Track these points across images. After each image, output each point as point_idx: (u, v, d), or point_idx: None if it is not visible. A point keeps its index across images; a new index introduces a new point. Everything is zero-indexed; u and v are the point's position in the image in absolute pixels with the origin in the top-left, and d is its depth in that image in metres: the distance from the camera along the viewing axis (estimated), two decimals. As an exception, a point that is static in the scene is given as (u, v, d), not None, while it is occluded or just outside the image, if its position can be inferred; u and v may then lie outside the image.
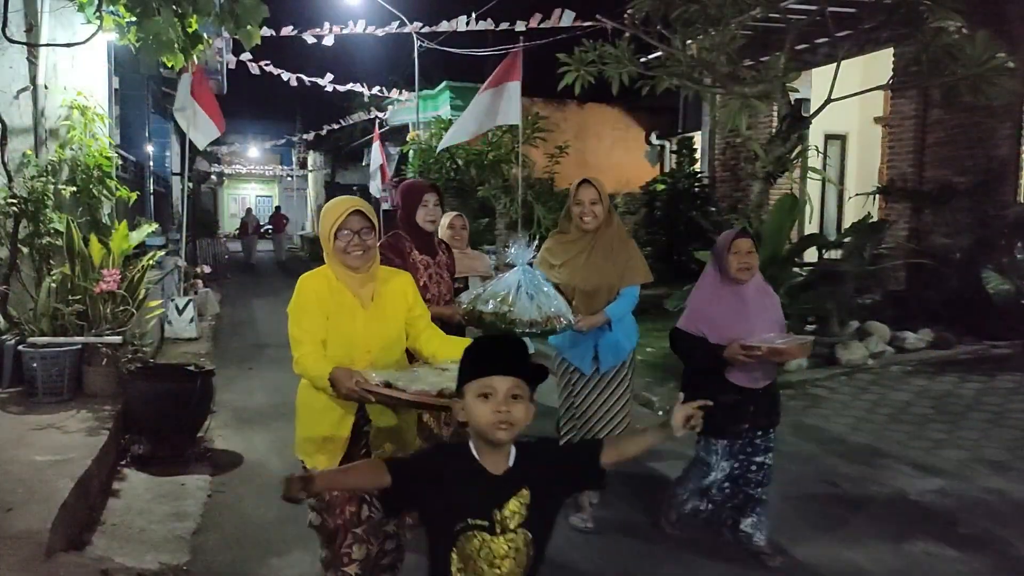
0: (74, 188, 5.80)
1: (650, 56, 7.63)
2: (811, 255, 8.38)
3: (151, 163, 11.17)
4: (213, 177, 29.84)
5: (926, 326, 7.66)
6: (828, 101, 6.64)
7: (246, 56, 11.84)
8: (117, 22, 5.24)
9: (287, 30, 11.21)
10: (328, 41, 11.64)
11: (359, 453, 2.64)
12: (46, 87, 5.75)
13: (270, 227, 24.20)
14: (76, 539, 3.49)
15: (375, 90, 14.85)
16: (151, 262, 5.94)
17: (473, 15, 11.51)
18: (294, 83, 13.31)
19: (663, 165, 15.42)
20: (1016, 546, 3.75)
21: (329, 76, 13.64)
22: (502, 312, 3.17)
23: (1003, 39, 6.13)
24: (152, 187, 10.93)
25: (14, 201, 5.26)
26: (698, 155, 13.06)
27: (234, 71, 13.49)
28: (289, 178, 39.03)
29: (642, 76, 6.84)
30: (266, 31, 10.20)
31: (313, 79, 13.64)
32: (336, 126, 19.55)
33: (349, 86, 14.42)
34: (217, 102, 9.44)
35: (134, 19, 4.86)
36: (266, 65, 12.46)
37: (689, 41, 6.92)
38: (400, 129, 17.32)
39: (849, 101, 6.96)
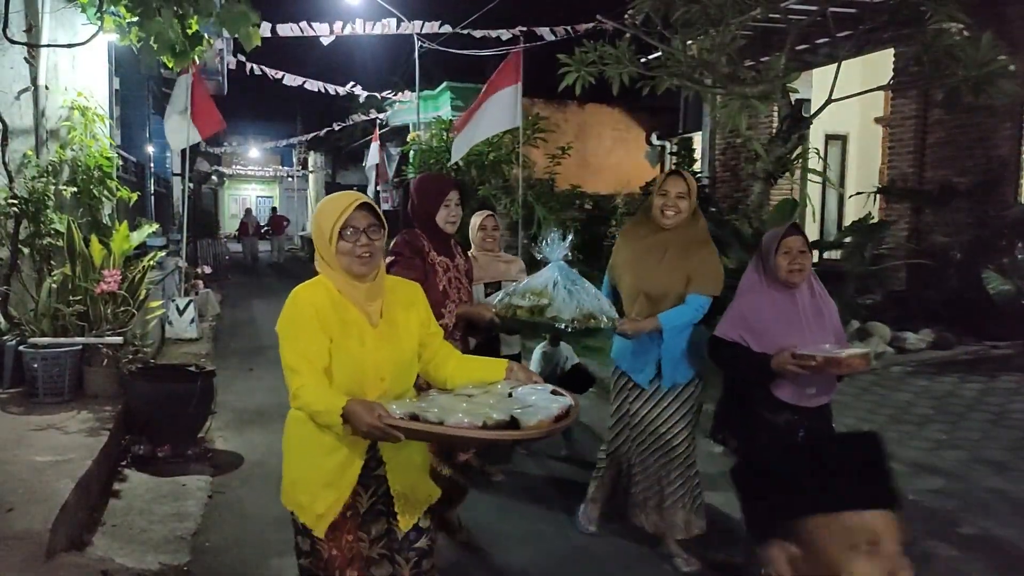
0: (75, 189, 5.80)
1: (650, 56, 7.63)
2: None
3: (152, 164, 11.18)
4: (214, 178, 29.83)
5: (927, 326, 7.66)
6: (828, 101, 6.64)
7: (245, 57, 11.85)
8: (118, 23, 5.25)
9: (287, 30, 11.21)
10: (327, 41, 11.65)
11: (367, 501, 2.23)
12: (47, 88, 5.75)
13: (268, 229, 23.92)
14: (76, 539, 3.49)
15: (376, 93, 14.85)
16: (152, 263, 5.94)
17: (473, 19, 11.51)
18: (296, 83, 13.32)
19: (663, 165, 15.42)
20: (1017, 546, 3.75)
21: (331, 85, 13.66)
22: (539, 306, 2.96)
23: (1004, 40, 6.13)
24: (153, 188, 10.94)
25: (15, 202, 5.26)
26: (698, 155, 13.05)
27: (235, 71, 13.51)
28: (290, 179, 39.03)
29: (642, 76, 6.83)
30: (266, 32, 10.21)
31: (314, 80, 13.66)
32: (337, 127, 19.53)
33: (349, 86, 14.42)
34: (213, 104, 9.38)
35: (135, 20, 4.87)
36: (266, 68, 12.49)
37: (689, 41, 6.92)
38: (401, 129, 17.32)
39: (850, 101, 6.96)
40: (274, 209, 27.27)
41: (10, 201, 5.26)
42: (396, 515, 2.23)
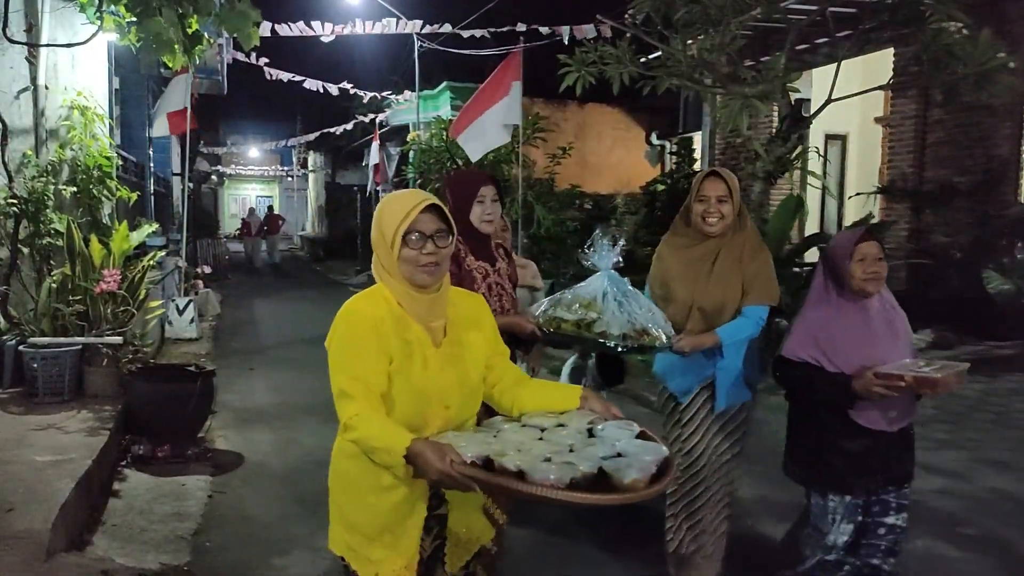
0: (74, 188, 5.80)
1: (650, 56, 7.63)
2: (812, 255, 8.38)
3: (151, 163, 11.16)
4: (213, 178, 29.83)
5: (927, 326, 7.65)
6: (828, 101, 6.63)
7: (244, 55, 11.84)
8: (117, 22, 5.24)
9: (287, 30, 11.21)
10: (327, 39, 11.65)
11: (431, 545, 1.95)
12: (46, 87, 5.75)
13: (265, 227, 23.50)
14: (77, 539, 3.48)
15: (375, 93, 14.84)
16: (151, 262, 5.94)
17: (474, 18, 11.52)
18: (293, 79, 13.31)
19: (663, 165, 15.42)
20: (1019, 546, 3.75)
21: (332, 85, 13.66)
22: (587, 320, 2.63)
23: (1004, 39, 6.13)
24: (152, 187, 10.92)
25: (14, 201, 5.26)
26: (698, 155, 13.05)
27: (235, 72, 13.50)
28: (289, 178, 39.04)
29: (643, 76, 6.83)
30: (266, 32, 10.21)
31: (313, 80, 13.65)
32: (337, 131, 19.51)
33: (348, 86, 14.41)
34: (192, 106, 9.40)
35: (134, 19, 4.86)
36: (267, 65, 12.48)
37: (689, 41, 6.91)
38: (401, 129, 17.32)
39: (849, 101, 6.95)
40: (271, 208, 26.85)
41: (10, 201, 5.26)
42: (445, 556, 1.98)
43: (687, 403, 3.07)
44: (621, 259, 2.77)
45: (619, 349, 2.63)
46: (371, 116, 17.47)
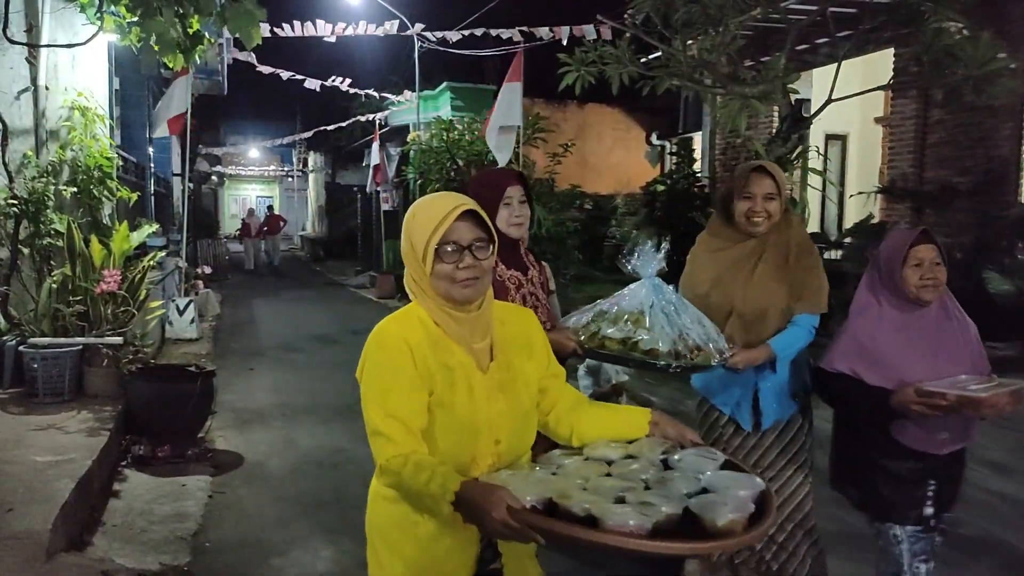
0: (75, 189, 5.80)
1: (650, 56, 7.63)
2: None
3: (152, 164, 11.17)
4: (214, 178, 29.84)
5: (927, 326, 7.65)
6: (829, 101, 6.63)
7: (245, 55, 11.85)
8: (118, 22, 5.25)
9: (287, 30, 11.22)
10: (329, 39, 11.66)
11: None
12: (47, 88, 5.75)
13: (265, 228, 22.96)
14: (76, 539, 3.49)
15: (374, 92, 14.85)
16: (152, 263, 5.95)
17: (474, 18, 11.52)
18: (292, 76, 13.32)
19: (663, 166, 15.44)
20: (1018, 547, 3.75)
21: (333, 79, 13.66)
22: (634, 339, 2.35)
23: (1004, 39, 6.13)
24: (153, 188, 10.93)
25: (15, 202, 5.26)
26: (698, 155, 13.06)
27: (235, 72, 13.51)
28: (290, 179, 39.06)
29: (642, 76, 6.83)
30: (266, 31, 10.21)
31: (312, 79, 13.66)
32: (333, 127, 19.52)
33: (347, 85, 14.42)
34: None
35: (135, 19, 4.86)
36: (267, 65, 12.49)
37: (689, 41, 6.91)
38: (401, 129, 17.32)
39: (850, 101, 6.96)
40: (270, 208, 26.12)
41: (10, 201, 5.26)
42: None
43: (731, 419, 2.82)
44: (666, 265, 2.47)
45: (671, 370, 2.35)
46: (370, 116, 17.47)
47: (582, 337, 2.45)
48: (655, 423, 1.78)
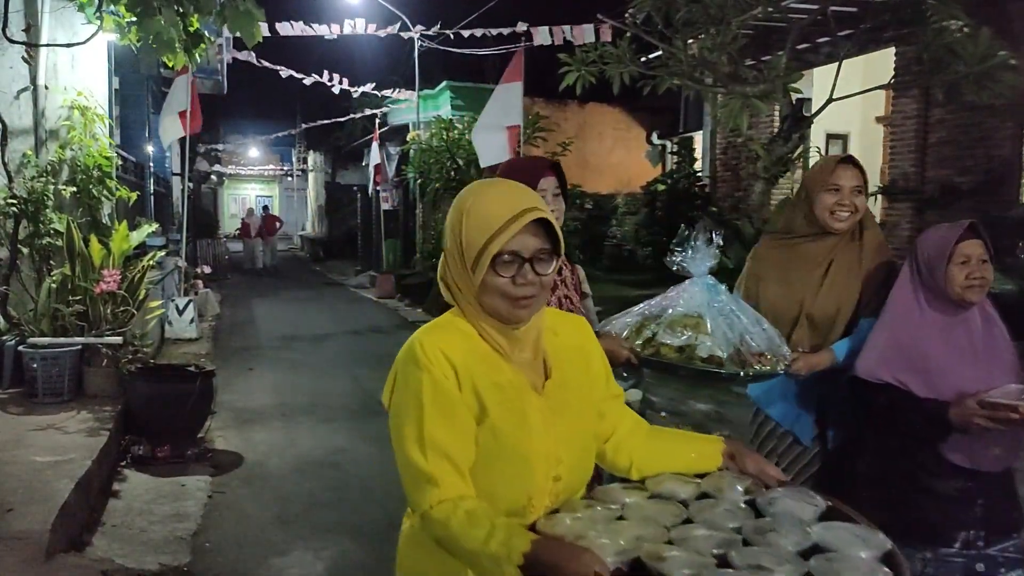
0: (74, 188, 5.79)
1: (651, 56, 7.63)
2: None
3: (151, 163, 11.17)
4: (213, 177, 29.85)
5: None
6: (830, 100, 6.63)
7: (245, 55, 11.85)
8: (117, 22, 5.24)
9: (287, 29, 11.21)
10: (329, 37, 11.66)
11: None
12: (46, 87, 5.74)
13: (262, 229, 22.38)
14: (76, 540, 3.48)
15: (372, 90, 14.84)
16: (151, 262, 5.94)
17: (474, 17, 11.52)
18: (296, 77, 13.33)
19: (664, 165, 15.43)
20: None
21: (330, 81, 13.66)
22: (694, 345, 2.13)
23: (1005, 38, 6.12)
24: (152, 187, 10.93)
25: (14, 201, 5.26)
26: (699, 155, 13.06)
27: (235, 71, 13.50)
28: (289, 178, 39.07)
29: (643, 76, 6.83)
30: (265, 31, 10.20)
31: (313, 76, 13.66)
32: (335, 121, 19.50)
33: (346, 83, 14.42)
34: (199, 104, 9.35)
35: (134, 19, 4.86)
36: (267, 63, 12.49)
37: (690, 41, 6.91)
38: (400, 129, 17.33)
39: (851, 101, 6.96)
40: (266, 208, 25.29)
41: (9, 201, 5.26)
42: None
43: (788, 432, 2.55)
44: (716, 262, 2.27)
45: (739, 375, 2.14)
46: (370, 112, 17.47)
47: (636, 344, 2.22)
48: (730, 454, 1.54)
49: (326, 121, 19.82)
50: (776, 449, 2.57)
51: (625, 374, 2.54)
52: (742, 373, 2.12)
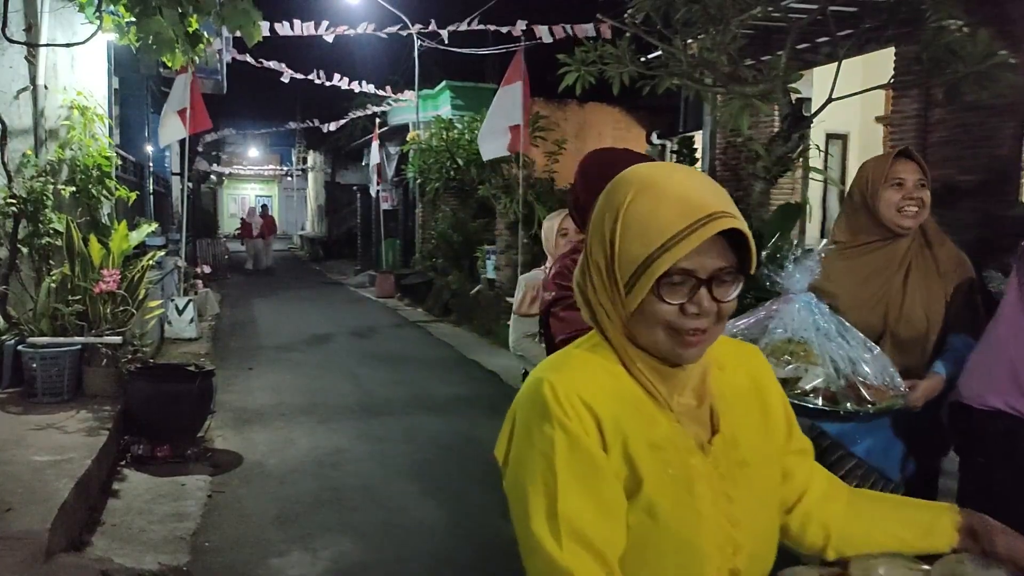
0: (74, 188, 5.79)
1: (651, 56, 7.62)
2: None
3: (151, 163, 11.17)
4: (213, 177, 29.83)
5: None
6: (829, 100, 6.63)
7: (245, 55, 11.86)
8: (117, 22, 5.24)
9: (286, 29, 11.21)
10: (328, 36, 11.66)
11: None
12: (46, 87, 5.74)
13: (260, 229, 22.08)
14: (76, 539, 3.48)
15: (371, 87, 14.83)
16: (151, 262, 5.95)
17: (474, 17, 11.53)
18: (297, 77, 13.34)
19: (664, 165, 15.42)
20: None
21: (335, 76, 13.67)
22: (800, 377, 1.86)
23: (1005, 38, 6.12)
24: (152, 187, 10.93)
25: (14, 201, 5.26)
26: (699, 155, 13.06)
27: (234, 72, 13.50)
28: (289, 178, 39.05)
29: (643, 76, 6.83)
30: (265, 31, 10.20)
31: (311, 76, 13.66)
32: (331, 125, 19.49)
33: (346, 81, 14.41)
34: (203, 103, 9.33)
35: (134, 19, 4.85)
36: (266, 62, 12.48)
37: (690, 41, 6.91)
38: (400, 129, 17.32)
39: (850, 100, 6.95)
40: (264, 208, 24.92)
41: (9, 201, 5.26)
42: None
43: (876, 469, 2.27)
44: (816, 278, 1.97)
45: (861, 414, 1.86)
46: (371, 108, 17.45)
47: None
48: (969, 529, 1.16)
49: (325, 124, 19.77)
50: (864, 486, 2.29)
51: None
52: (861, 411, 1.83)
